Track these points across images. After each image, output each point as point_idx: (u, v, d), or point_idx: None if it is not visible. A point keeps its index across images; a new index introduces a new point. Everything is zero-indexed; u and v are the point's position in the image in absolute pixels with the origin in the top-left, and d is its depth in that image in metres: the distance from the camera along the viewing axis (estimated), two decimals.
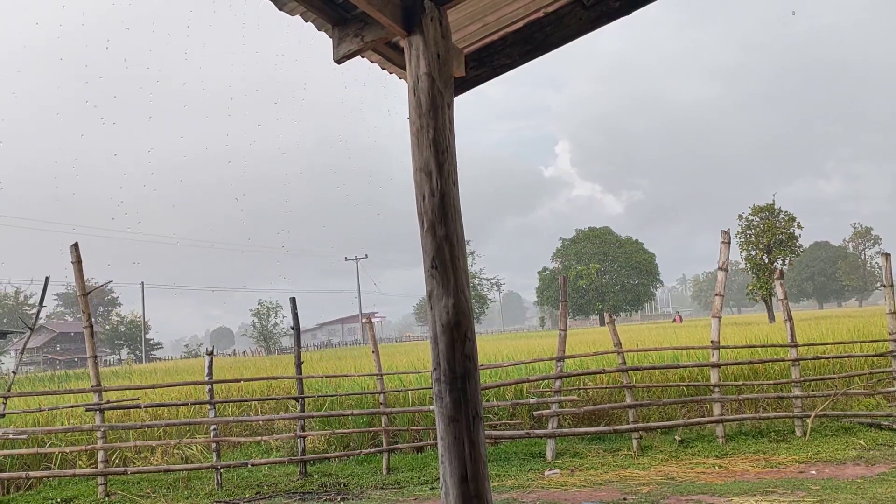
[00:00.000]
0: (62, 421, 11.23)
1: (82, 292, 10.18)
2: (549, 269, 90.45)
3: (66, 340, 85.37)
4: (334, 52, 3.65)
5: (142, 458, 11.00)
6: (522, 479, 8.61)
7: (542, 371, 11.91)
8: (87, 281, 10.34)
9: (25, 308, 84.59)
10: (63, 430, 10.29)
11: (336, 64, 3.69)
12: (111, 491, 9.36)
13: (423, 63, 3.23)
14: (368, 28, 3.51)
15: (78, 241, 10.22)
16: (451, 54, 3.37)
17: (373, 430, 10.66)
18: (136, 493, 9.33)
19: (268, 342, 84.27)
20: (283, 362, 24.47)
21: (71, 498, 9.32)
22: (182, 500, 8.85)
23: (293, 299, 10.88)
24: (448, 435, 3.10)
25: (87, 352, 10.11)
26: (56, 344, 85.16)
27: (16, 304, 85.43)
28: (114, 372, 31.01)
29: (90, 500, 9.16)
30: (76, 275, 10.19)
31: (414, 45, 3.27)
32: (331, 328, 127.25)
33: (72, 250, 10.10)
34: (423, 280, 3.27)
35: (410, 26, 3.29)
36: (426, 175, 3.23)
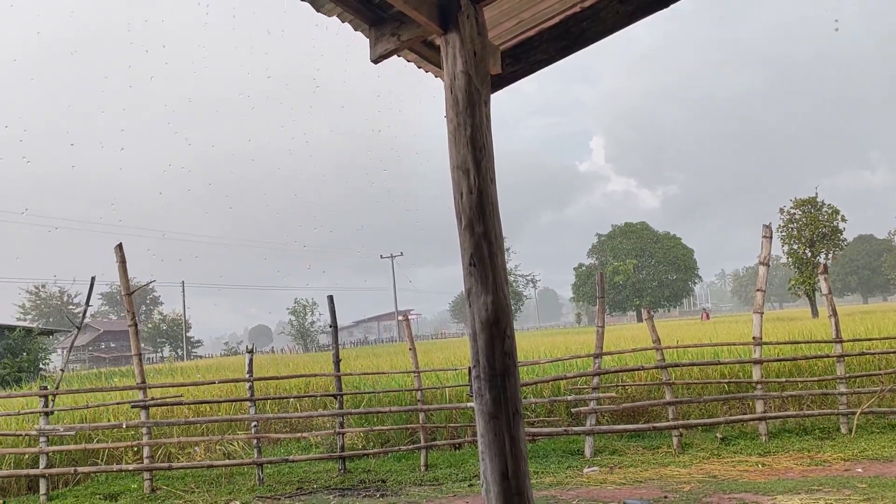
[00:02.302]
0: (108, 417, 11.48)
1: (126, 292, 10.40)
2: (586, 266, 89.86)
3: (111, 339, 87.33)
4: (371, 52, 3.67)
5: (185, 453, 11.21)
6: (561, 477, 8.58)
7: (579, 368, 11.84)
8: (130, 280, 10.56)
9: (70, 307, 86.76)
10: (109, 427, 10.52)
11: (373, 64, 3.71)
12: (156, 486, 9.56)
13: (460, 61, 3.23)
14: (405, 27, 3.52)
15: (122, 241, 10.45)
16: (488, 51, 3.36)
17: (411, 427, 10.72)
18: (180, 487, 9.51)
19: (305, 340, 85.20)
20: (321, 360, 24.71)
21: (118, 493, 9.54)
22: (225, 496, 8.99)
23: (331, 297, 10.98)
24: (488, 432, 3.10)
25: (132, 350, 10.34)
26: (101, 342, 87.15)
27: (61, 304, 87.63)
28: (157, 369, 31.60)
29: (136, 495, 9.36)
30: (120, 275, 10.41)
31: (450, 43, 3.27)
32: (367, 326, 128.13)
33: (116, 251, 10.32)
34: (458, 277, 3.28)
35: (447, 24, 3.29)
36: (463, 173, 3.23)
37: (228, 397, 11.78)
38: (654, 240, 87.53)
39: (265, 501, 8.57)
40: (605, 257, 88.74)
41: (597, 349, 10.35)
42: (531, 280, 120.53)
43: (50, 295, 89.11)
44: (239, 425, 11.44)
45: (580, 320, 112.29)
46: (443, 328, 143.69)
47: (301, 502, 8.38)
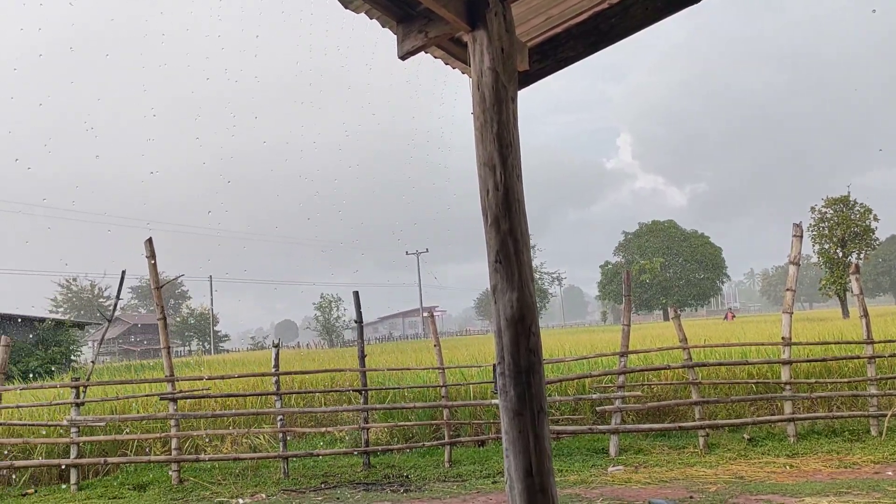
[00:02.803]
0: (138, 409, 11.66)
1: (156, 286, 10.55)
2: (612, 264, 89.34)
3: (140, 332, 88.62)
4: (398, 49, 3.68)
5: (212, 446, 11.34)
6: (585, 475, 8.55)
7: (604, 366, 11.79)
8: (159, 275, 10.71)
9: (101, 300, 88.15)
10: (138, 418, 10.69)
11: (400, 60, 3.72)
12: (184, 477, 9.69)
13: (487, 58, 3.23)
14: (432, 24, 3.52)
15: (151, 236, 10.59)
16: (515, 48, 3.36)
17: (435, 423, 10.75)
18: (207, 479, 9.63)
19: (330, 335, 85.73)
20: (346, 355, 24.84)
21: (146, 483, 9.68)
22: (251, 488, 9.09)
23: (356, 293, 11.04)
24: (512, 429, 3.11)
25: (161, 343, 10.49)
26: (131, 335, 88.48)
27: (92, 297, 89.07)
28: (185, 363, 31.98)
29: (164, 485, 9.50)
30: (150, 269, 10.56)
31: (478, 40, 3.27)
32: (392, 322, 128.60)
33: (146, 245, 10.47)
34: (484, 274, 3.28)
35: (474, 21, 3.29)
36: (490, 169, 3.23)
37: (255, 391, 11.90)
38: (682, 238, 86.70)
39: (290, 494, 8.65)
40: (631, 255, 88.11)
41: (622, 347, 10.29)
42: (557, 277, 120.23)
43: (81, 288, 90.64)
44: (265, 419, 11.54)
45: (606, 318, 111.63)
46: (467, 325, 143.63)
47: (326, 496, 8.44)
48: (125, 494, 9.24)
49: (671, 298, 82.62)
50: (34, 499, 9.35)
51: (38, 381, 22.26)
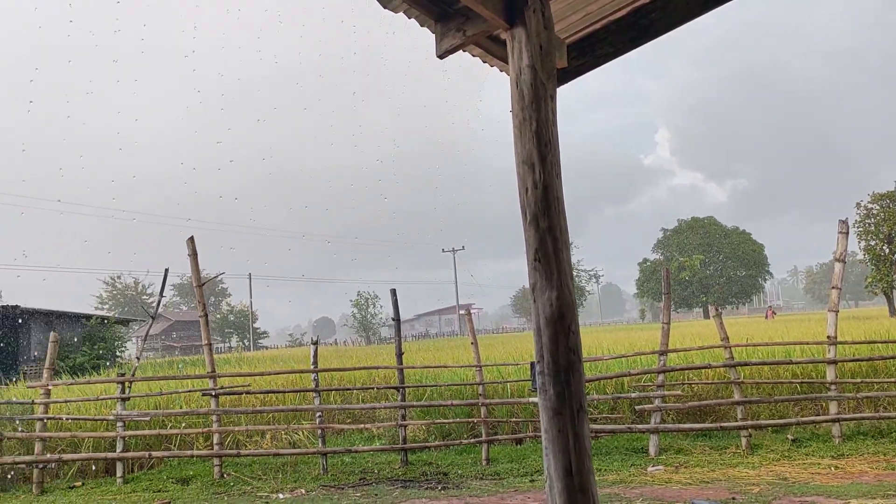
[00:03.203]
0: (180, 404, 11.88)
1: (197, 283, 10.73)
2: (650, 261, 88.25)
3: (182, 328, 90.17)
4: (437, 48, 3.68)
5: (253, 441, 11.51)
6: (624, 475, 8.48)
7: (643, 365, 11.67)
8: (200, 272, 10.89)
9: (144, 297, 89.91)
10: (181, 414, 10.89)
11: (439, 59, 3.73)
12: (226, 472, 9.85)
13: (526, 55, 3.21)
14: (470, 22, 3.52)
15: (192, 234, 10.77)
16: (554, 45, 3.33)
17: (472, 420, 10.75)
18: (247, 474, 9.78)
19: (367, 332, 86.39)
20: (383, 352, 24.98)
21: (189, 477, 9.86)
22: (290, 483, 9.21)
23: (394, 291, 11.09)
24: (552, 428, 3.09)
25: (203, 340, 10.67)
26: (173, 332, 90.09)
27: (136, 294, 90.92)
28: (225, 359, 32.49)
29: (207, 479, 9.66)
30: (192, 267, 10.74)
31: (516, 37, 3.26)
32: (428, 319, 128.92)
33: (188, 244, 10.65)
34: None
35: (513, 19, 3.28)
36: (529, 167, 3.22)
37: (294, 387, 12.03)
38: (722, 235, 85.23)
39: (329, 490, 8.73)
40: (670, 252, 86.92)
41: (662, 346, 10.17)
42: (594, 275, 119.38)
43: (125, 286, 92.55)
44: (304, 415, 11.68)
45: (644, 316, 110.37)
46: (504, 322, 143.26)
47: (364, 492, 8.50)
48: (169, 488, 9.42)
49: (711, 296, 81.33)
50: (82, 491, 9.59)
51: (85, 377, 22.82)
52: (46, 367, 10.60)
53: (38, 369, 28.10)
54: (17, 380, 23.08)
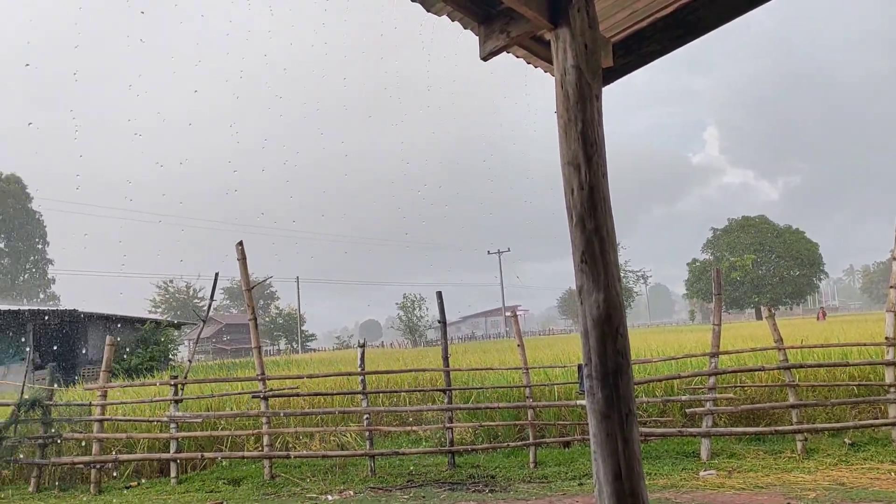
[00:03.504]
0: (231, 406, 12.08)
1: (247, 287, 10.91)
2: (700, 261, 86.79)
3: (232, 331, 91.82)
4: (480, 50, 3.68)
5: (301, 443, 11.64)
6: (675, 479, 8.33)
7: (693, 367, 11.45)
8: (249, 276, 11.07)
9: (195, 301, 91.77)
10: (232, 415, 11.08)
11: (482, 61, 3.72)
12: (276, 473, 9.98)
13: (571, 55, 3.19)
14: (514, 23, 3.51)
15: (242, 239, 10.96)
16: (599, 45, 3.30)
17: (519, 423, 10.70)
18: (297, 475, 9.89)
19: (413, 334, 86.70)
20: (429, 354, 25.04)
21: (240, 478, 10.03)
22: (339, 485, 9.28)
23: (440, 293, 11.10)
24: (600, 432, 3.06)
25: (252, 342, 10.84)
26: (223, 335, 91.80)
27: (187, 298, 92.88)
28: (274, 361, 33.00)
29: (257, 480, 9.81)
30: (241, 271, 10.92)
31: (561, 37, 3.23)
32: (474, 321, 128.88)
33: (237, 248, 10.83)
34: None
35: (557, 19, 3.25)
36: (574, 168, 3.19)
37: (341, 390, 12.14)
38: (775, 234, 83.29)
39: (377, 492, 8.78)
40: (720, 252, 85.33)
41: (713, 348, 9.97)
42: (642, 275, 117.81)
43: (177, 290, 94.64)
44: (351, 417, 11.76)
45: (694, 317, 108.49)
46: (550, 324, 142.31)
47: (412, 495, 8.53)
48: (221, 488, 9.59)
49: (764, 297, 79.55)
50: (137, 491, 9.82)
51: (140, 379, 23.40)
52: (103, 370, 10.90)
53: (94, 371, 28.93)
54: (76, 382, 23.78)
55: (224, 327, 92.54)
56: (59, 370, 20.92)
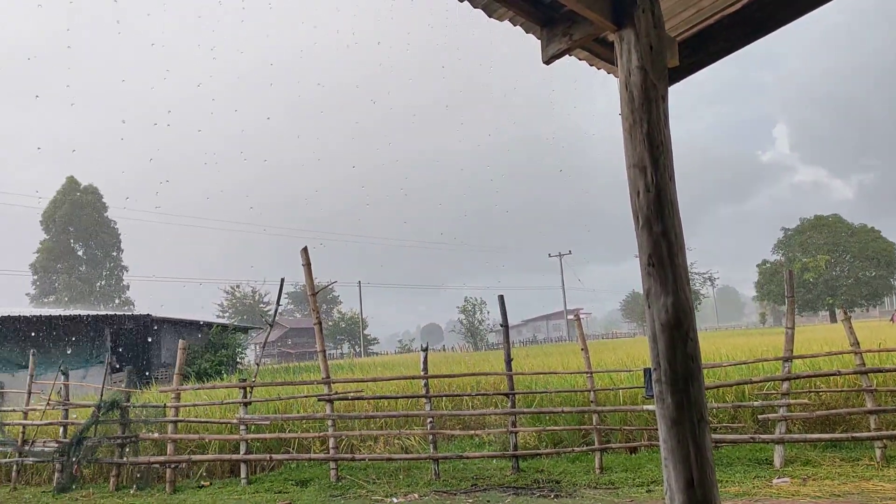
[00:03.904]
0: (298, 409, 12.30)
1: (311, 292, 11.11)
2: (770, 262, 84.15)
3: (296, 335, 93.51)
4: (543, 54, 3.66)
5: (366, 446, 11.77)
6: (748, 486, 8.10)
7: (765, 372, 11.13)
8: (313, 281, 11.27)
9: (261, 306, 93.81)
10: (299, 418, 11.29)
11: (545, 65, 3.71)
12: (341, 475, 10.12)
13: (635, 56, 3.14)
14: (576, 26, 3.48)
15: (306, 245, 11.17)
16: (664, 44, 3.24)
17: (584, 428, 10.58)
18: (362, 478, 10.01)
19: (475, 338, 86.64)
20: (491, 358, 24.99)
21: (308, 479, 10.21)
22: (404, 488, 9.35)
23: (501, 297, 11.08)
24: (671, 438, 3.00)
25: (317, 346, 11.02)
26: (288, 338, 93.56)
27: (253, 303, 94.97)
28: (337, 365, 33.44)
29: (324, 482, 9.97)
30: (306, 276, 11.13)
31: (625, 38, 3.19)
32: (535, 324, 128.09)
33: (302, 254, 11.05)
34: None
35: (620, 20, 3.21)
36: (640, 171, 3.14)
37: (404, 393, 12.23)
38: (849, 233, 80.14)
39: (442, 496, 8.81)
40: (792, 253, 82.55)
41: (786, 352, 9.66)
42: (709, 278, 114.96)
43: (244, 294, 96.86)
44: (415, 421, 11.84)
45: (765, 320, 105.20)
46: (614, 328, 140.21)
47: (476, 499, 8.53)
48: (289, 489, 9.78)
49: (838, 299, 76.63)
50: (210, 491, 10.10)
51: (210, 382, 24.06)
52: (176, 373, 11.27)
53: (167, 374, 29.88)
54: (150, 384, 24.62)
55: (289, 331, 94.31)
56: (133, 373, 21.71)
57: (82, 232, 78.39)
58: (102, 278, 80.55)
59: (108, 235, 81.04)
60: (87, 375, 27.76)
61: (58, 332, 28.96)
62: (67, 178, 79.79)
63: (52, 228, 77.94)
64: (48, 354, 26.64)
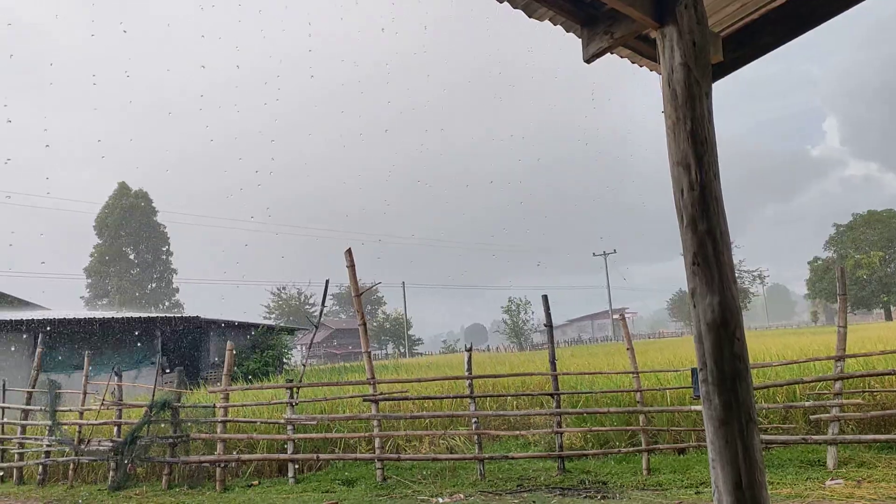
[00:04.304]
0: (343, 409, 12.43)
1: (356, 293, 11.21)
2: (822, 259, 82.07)
3: (341, 336, 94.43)
4: (584, 52, 3.65)
5: (411, 446, 11.84)
6: (799, 489, 7.93)
7: (817, 372, 10.87)
8: (358, 282, 11.38)
9: (306, 307, 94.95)
10: (344, 418, 11.41)
11: (585, 63, 3.69)
12: (387, 475, 10.20)
13: (678, 53, 3.11)
14: (618, 24, 3.46)
15: (350, 247, 11.28)
16: (708, 40, 3.20)
17: (630, 428, 10.47)
18: (408, 478, 10.07)
19: (519, 338, 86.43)
20: (535, 358, 24.89)
21: (354, 479, 10.31)
22: (449, 488, 9.38)
23: (545, 297, 11.03)
24: (718, 439, 2.96)
25: (362, 347, 11.12)
26: (333, 339, 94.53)
27: (299, 304, 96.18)
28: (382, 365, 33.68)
29: (370, 482, 10.05)
30: (350, 277, 11.24)
31: (667, 35, 3.16)
32: (580, 324, 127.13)
33: (346, 255, 11.16)
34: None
35: (663, 17, 3.19)
36: (684, 168, 3.11)
37: (449, 394, 12.26)
38: None
39: (488, 496, 8.81)
40: (844, 249, 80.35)
41: (838, 351, 9.42)
42: (758, 276, 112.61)
43: (290, 296, 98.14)
44: (460, 421, 11.87)
45: (816, 319, 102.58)
46: (660, 327, 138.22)
47: (522, 499, 8.51)
48: (336, 489, 9.89)
49: (893, 296, 74.35)
50: (259, 490, 10.28)
51: (257, 382, 24.44)
52: (225, 374, 11.49)
53: (216, 375, 30.44)
54: (199, 385, 25.12)
55: (334, 332, 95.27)
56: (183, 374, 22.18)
57: (133, 236, 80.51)
58: (153, 281, 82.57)
59: (158, 239, 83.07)
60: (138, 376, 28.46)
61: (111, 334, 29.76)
62: (119, 184, 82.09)
63: (104, 233, 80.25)
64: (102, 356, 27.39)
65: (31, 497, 10.89)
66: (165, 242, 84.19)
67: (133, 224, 79.96)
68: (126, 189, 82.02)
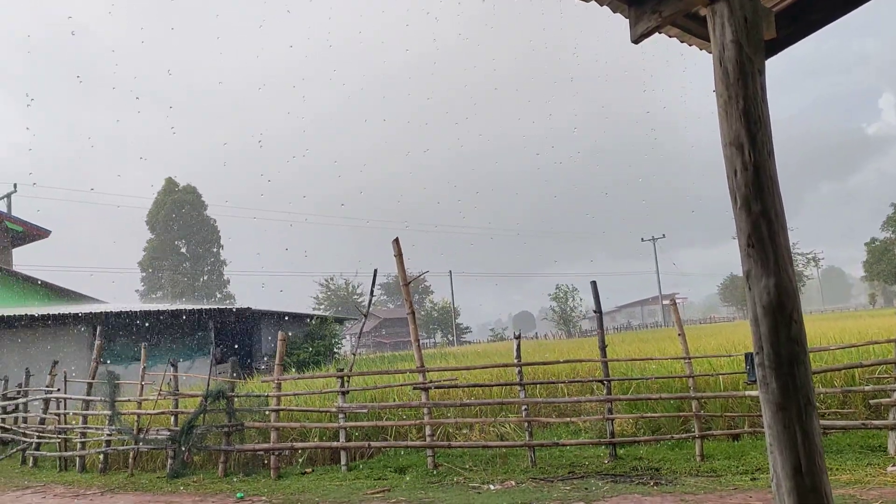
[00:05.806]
0: (394, 398, 12.54)
1: (404, 282, 11.29)
2: (880, 240, 79.46)
3: (390, 325, 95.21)
4: (631, 33, 3.59)
5: (462, 433, 11.88)
6: (860, 475, 7.73)
7: (876, 355, 10.55)
8: (405, 271, 11.44)
9: (354, 297, 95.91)
10: (395, 406, 11.52)
11: (633, 44, 3.64)
12: (438, 462, 10.27)
13: (729, 30, 3.04)
14: (666, 2, 3.39)
15: (398, 236, 11.35)
16: (760, 16, 3.12)
17: (682, 415, 10.34)
18: (459, 465, 10.13)
19: (567, 325, 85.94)
20: (585, 345, 24.71)
21: (405, 466, 10.41)
22: (500, 475, 9.40)
23: (594, 283, 10.94)
24: (776, 423, 2.91)
25: (411, 336, 11.20)
26: (382, 328, 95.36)
27: (347, 294, 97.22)
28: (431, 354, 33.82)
29: (421, 469, 10.14)
30: (398, 266, 11.32)
31: (718, 12, 3.09)
32: (630, 310, 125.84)
33: (394, 245, 11.24)
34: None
35: None
36: (737, 148, 3.05)
37: (498, 381, 12.27)
38: None
39: (539, 483, 8.81)
40: None
41: None
42: (813, 258, 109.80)
43: (338, 286, 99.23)
44: (510, 408, 11.87)
45: (874, 302, 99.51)
46: (712, 312, 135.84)
47: (573, 486, 8.49)
48: (388, 476, 10.00)
49: None
50: (312, 477, 10.46)
51: (309, 372, 24.81)
52: (277, 363, 11.69)
53: (269, 365, 30.97)
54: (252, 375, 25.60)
55: (383, 321, 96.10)
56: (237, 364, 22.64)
57: (184, 230, 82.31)
58: (204, 274, 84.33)
59: (208, 232, 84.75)
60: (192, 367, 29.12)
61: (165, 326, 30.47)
62: (166, 180, 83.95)
63: (156, 228, 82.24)
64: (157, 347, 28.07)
65: (94, 485, 11.27)
66: (216, 235, 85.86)
67: (183, 218, 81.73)
68: (173, 184, 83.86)
